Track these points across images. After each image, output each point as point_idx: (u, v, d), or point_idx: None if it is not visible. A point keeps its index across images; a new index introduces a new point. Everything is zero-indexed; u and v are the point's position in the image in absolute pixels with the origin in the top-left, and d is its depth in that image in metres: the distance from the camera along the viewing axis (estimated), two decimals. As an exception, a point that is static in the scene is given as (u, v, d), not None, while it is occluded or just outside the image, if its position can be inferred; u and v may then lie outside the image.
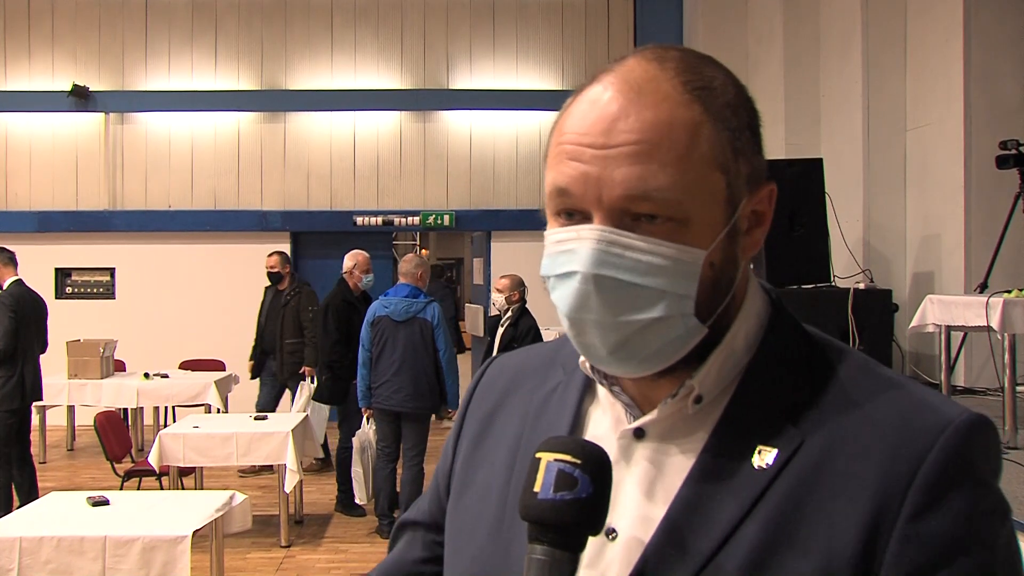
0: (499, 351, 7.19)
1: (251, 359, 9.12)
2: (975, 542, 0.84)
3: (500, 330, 7.45)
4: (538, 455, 0.89)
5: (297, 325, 8.74)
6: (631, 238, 0.89)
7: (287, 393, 8.99)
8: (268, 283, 9.14)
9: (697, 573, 0.88)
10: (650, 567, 0.91)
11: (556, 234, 0.93)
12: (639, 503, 0.95)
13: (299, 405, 8.37)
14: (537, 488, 0.87)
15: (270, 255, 9.13)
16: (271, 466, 8.53)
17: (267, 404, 8.90)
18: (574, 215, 0.92)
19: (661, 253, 0.89)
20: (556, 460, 0.88)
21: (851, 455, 0.89)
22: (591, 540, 0.92)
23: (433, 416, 7.10)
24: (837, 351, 0.98)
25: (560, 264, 0.92)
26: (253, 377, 9.07)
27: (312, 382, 8.50)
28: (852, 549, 0.85)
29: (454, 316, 17.06)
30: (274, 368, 8.91)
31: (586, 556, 0.92)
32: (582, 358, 1.02)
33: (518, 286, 7.44)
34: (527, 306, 7.48)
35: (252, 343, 9.18)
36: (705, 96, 0.91)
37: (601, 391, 1.04)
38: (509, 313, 7.40)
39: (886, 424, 0.89)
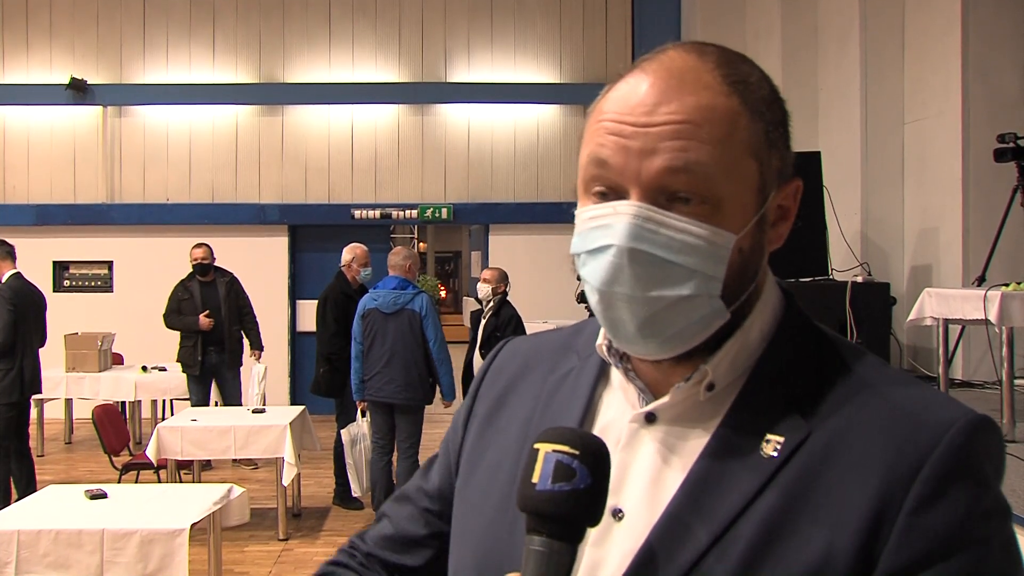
0: (482, 341, 7.27)
1: (196, 357, 8.54)
2: (973, 539, 0.85)
3: (483, 321, 7.49)
4: (536, 446, 0.89)
5: (238, 313, 8.72)
6: (667, 216, 0.90)
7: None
8: (184, 277, 8.78)
9: (702, 555, 0.90)
10: (656, 547, 0.92)
11: (590, 211, 0.95)
12: (647, 486, 0.96)
13: (261, 389, 8.49)
14: (535, 479, 0.87)
15: (199, 247, 8.77)
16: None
17: (206, 398, 8.67)
18: (608, 195, 0.94)
19: (695, 233, 0.90)
20: (554, 451, 0.88)
21: (856, 448, 0.90)
22: None
23: (429, 406, 7.11)
24: (848, 349, 1.00)
25: (594, 239, 0.93)
26: (200, 374, 8.61)
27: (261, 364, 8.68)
28: (854, 538, 0.86)
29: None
30: (213, 360, 8.62)
31: (592, 535, 0.93)
32: (599, 341, 1.04)
33: (504, 279, 7.54)
34: (508, 299, 7.54)
35: (184, 340, 8.64)
36: (742, 89, 0.94)
37: (615, 378, 1.05)
38: (491, 304, 7.45)
39: (893, 420, 0.91)
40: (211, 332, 8.57)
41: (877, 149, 7.36)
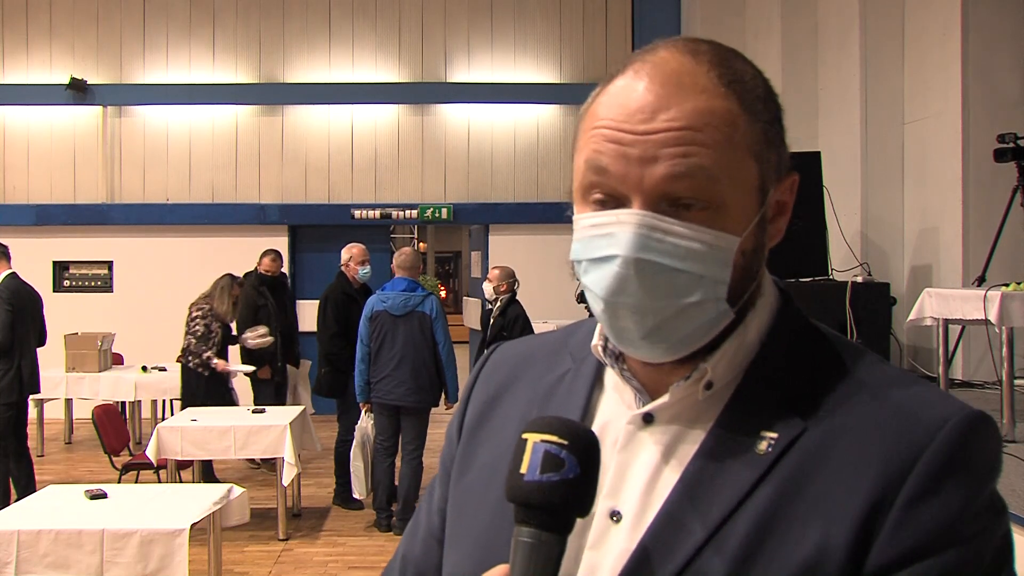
0: (490, 341, 7.26)
1: (276, 359, 8.49)
2: (965, 536, 0.85)
3: (491, 321, 7.49)
4: (524, 436, 0.89)
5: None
6: (671, 223, 0.89)
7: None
8: (253, 282, 8.63)
9: (696, 552, 0.89)
10: (651, 547, 0.91)
11: (592, 218, 0.93)
12: (645, 487, 0.95)
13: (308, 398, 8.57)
14: (523, 469, 0.87)
15: (268, 254, 8.73)
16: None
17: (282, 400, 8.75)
18: (607, 202, 0.92)
19: (699, 239, 0.90)
20: (542, 441, 0.87)
21: (852, 445, 0.89)
22: (596, 523, 0.93)
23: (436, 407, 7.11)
24: (846, 347, 0.99)
25: (597, 248, 0.92)
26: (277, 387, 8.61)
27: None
28: (848, 533, 0.86)
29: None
30: (286, 375, 8.71)
31: (591, 539, 0.93)
32: (594, 342, 1.03)
33: (508, 277, 7.52)
34: (516, 298, 7.54)
35: (273, 339, 8.43)
36: (739, 89, 0.93)
37: (610, 379, 1.04)
38: (498, 303, 7.45)
39: (889, 416, 0.90)
40: (284, 335, 8.54)
41: (877, 149, 7.36)
